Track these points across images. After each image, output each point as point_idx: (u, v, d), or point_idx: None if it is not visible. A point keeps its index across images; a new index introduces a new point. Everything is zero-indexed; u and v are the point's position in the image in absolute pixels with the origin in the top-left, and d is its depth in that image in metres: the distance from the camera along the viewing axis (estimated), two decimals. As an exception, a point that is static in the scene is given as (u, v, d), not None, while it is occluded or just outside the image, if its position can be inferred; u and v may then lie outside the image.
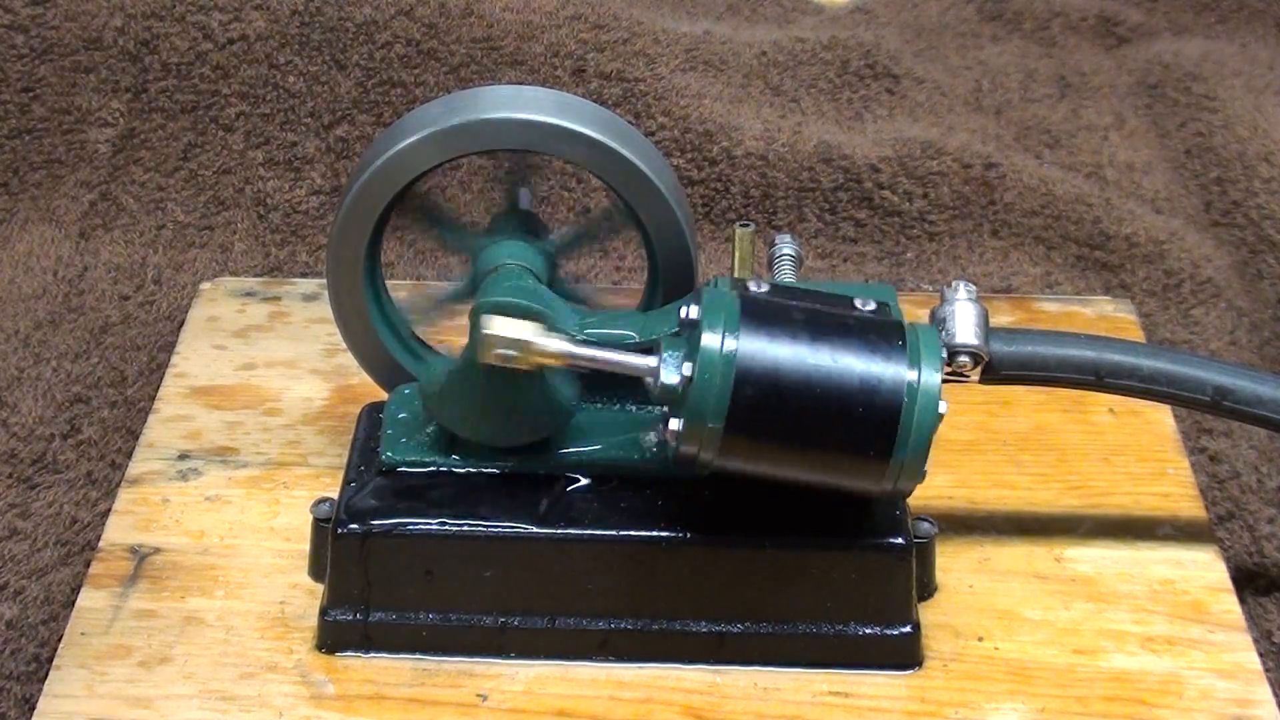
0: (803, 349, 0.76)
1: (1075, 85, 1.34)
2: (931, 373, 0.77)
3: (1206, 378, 0.84)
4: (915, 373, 0.76)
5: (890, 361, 0.76)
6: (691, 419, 0.76)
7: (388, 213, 0.87)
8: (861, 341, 0.77)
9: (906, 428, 0.76)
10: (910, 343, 0.77)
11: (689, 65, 1.27)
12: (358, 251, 0.87)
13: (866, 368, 0.76)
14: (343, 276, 0.88)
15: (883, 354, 0.76)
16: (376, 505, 0.82)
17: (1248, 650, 0.84)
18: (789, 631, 0.82)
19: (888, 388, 0.76)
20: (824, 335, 0.76)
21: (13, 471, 0.97)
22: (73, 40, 1.23)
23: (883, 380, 0.76)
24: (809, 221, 1.19)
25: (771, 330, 0.76)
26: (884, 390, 0.76)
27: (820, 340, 0.76)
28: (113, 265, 1.15)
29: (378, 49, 1.23)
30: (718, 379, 0.75)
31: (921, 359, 0.77)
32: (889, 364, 0.76)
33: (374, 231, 0.86)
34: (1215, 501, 0.96)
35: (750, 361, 0.76)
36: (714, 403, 0.76)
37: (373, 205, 0.85)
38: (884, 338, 0.77)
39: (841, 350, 0.76)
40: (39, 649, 0.86)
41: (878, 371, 0.76)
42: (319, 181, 1.20)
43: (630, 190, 0.85)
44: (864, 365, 0.76)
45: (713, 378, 0.75)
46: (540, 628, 0.82)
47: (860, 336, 0.77)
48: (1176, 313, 1.12)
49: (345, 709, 0.80)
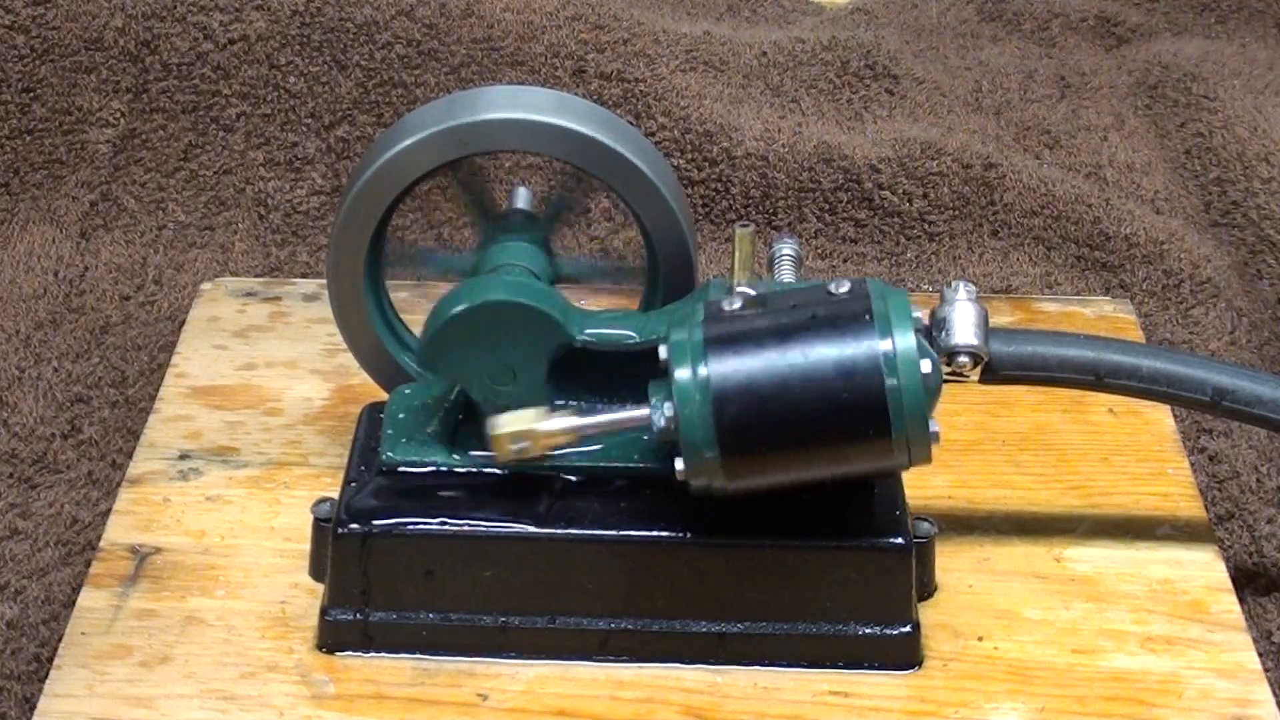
0: (772, 355, 0.76)
1: (1075, 85, 1.34)
2: (904, 336, 0.76)
3: (1206, 378, 0.84)
4: (888, 341, 0.76)
5: (860, 339, 0.76)
6: (688, 454, 0.77)
7: (388, 213, 0.87)
8: (829, 328, 0.76)
9: (895, 398, 0.76)
10: (878, 312, 0.77)
11: (689, 65, 1.27)
12: (358, 252, 0.87)
13: (839, 352, 0.76)
14: (343, 277, 0.88)
15: (851, 334, 0.76)
16: (377, 505, 0.82)
17: (1247, 650, 0.84)
18: (789, 631, 0.82)
19: (864, 365, 0.76)
20: (791, 335, 0.77)
21: (13, 471, 0.97)
22: (73, 40, 1.23)
23: (857, 359, 0.76)
24: (809, 221, 1.19)
25: (738, 347, 0.77)
26: (861, 369, 0.76)
27: (788, 340, 0.76)
28: (113, 265, 1.15)
29: (378, 49, 1.23)
30: (697, 409, 0.76)
31: (892, 326, 0.77)
32: (859, 341, 0.76)
33: (374, 232, 0.87)
34: (1215, 501, 0.96)
35: (724, 383, 0.76)
36: (701, 432, 0.76)
37: (373, 206, 0.85)
38: (850, 317, 0.77)
39: (811, 343, 0.76)
40: (39, 649, 0.86)
41: (850, 352, 0.76)
42: (319, 182, 1.20)
43: (630, 190, 0.85)
44: (836, 351, 0.76)
45: (692, 410, 0.76)
46: (540, 627, 0.82)
47: (828, 324, 0.77)
48: (1176, 313, 1.12)
49: (345, 709, 0.80)
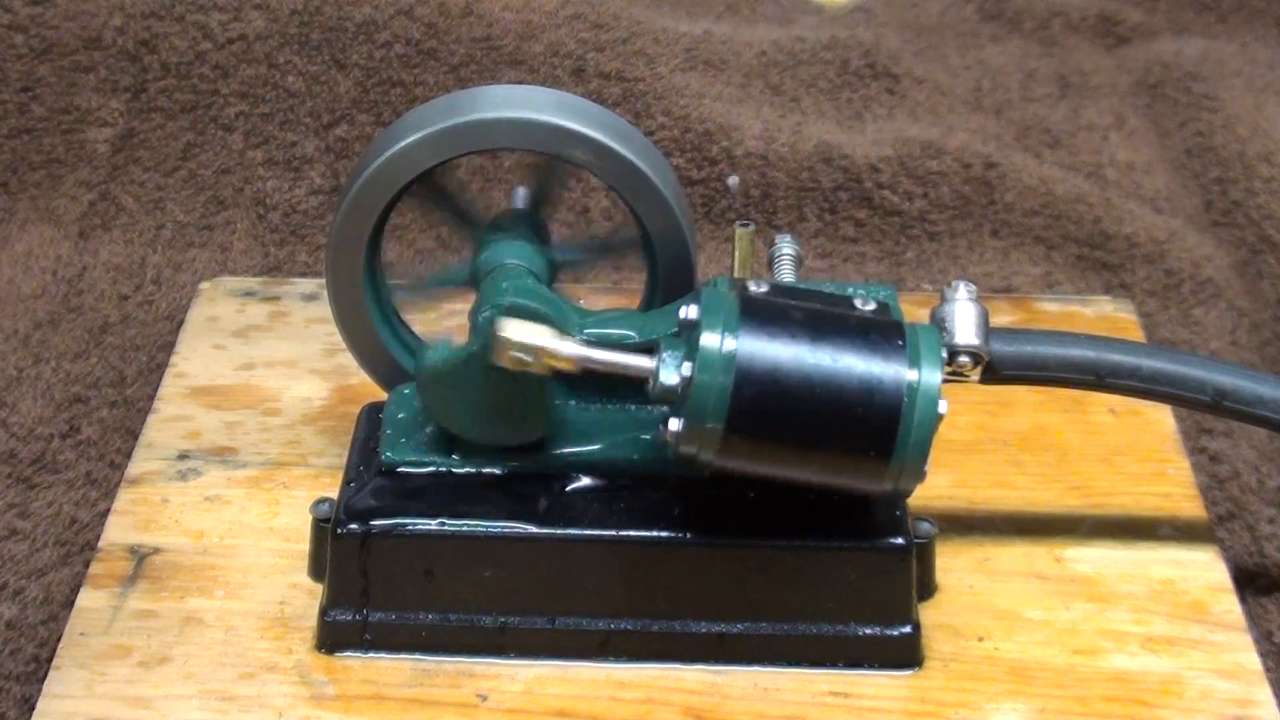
0: (803, 349, 0.76)
1: (1075, 85, 1.34)
2: (932, 372, 0.76)
3: (1206, 378, 0.84)
4: (915, 372, 0.76)
5: (890, 361, 0.76)
6: (691, 419, 0.76)
7: (388, 212, 0.87)
8: (862, 341, 0.76)
9: (906, 428, 0.76)
10: (910, 342, 0.77)
11: (689, 65, 1.27)
12: (357, 251, 0.87)
13: (867, 367, 0.76)
14: (342, 276, 0.88)
15: (883, 354, 0.76)
16: (376, 505, 0.82)
17: (1248, 650, 0.84)
18: (789, 631, 0.82)
19: (888, 388, 0.76)
20: (824, 335, 0.76)
21: (12, 471, 0.97)
22: (72, 40, 1.23)
23: (883, 380, 0.76)
24: (809, 221, 1.19)
25: (771, 330, 0.76)
26: (884, 390, 0.76)
27: (821, 340, 0.76)
28: (112, 265, 1.14)
29: (377, 49, 1.23)
30: (717, 379, 0.75)
31: (921, 359, 0.77)
32: (889, 364, 0.76)
33: (374, 231, 0.86)
34: (1215, 501, 0.96)
35: (750, 361, 0.75)
36: (714, 403, 0.75)
37: (372, 205, 0.85)
38: (884, 337, 0.77)
39: (842, 350, 0.76)
40: (38, 649, 0.86)
41: (878, 371, 0.76)
42: (318, 181, 1.20)
43: (630, 190, 0.85)
44: (864, 365, 0.76)
45: (712, 378, 0.75)
46: (540, 628, 0.82)
47: (861, 336, 0.76)
48: (1176, 313, 1.12)
49: (345, 709, 0.80)
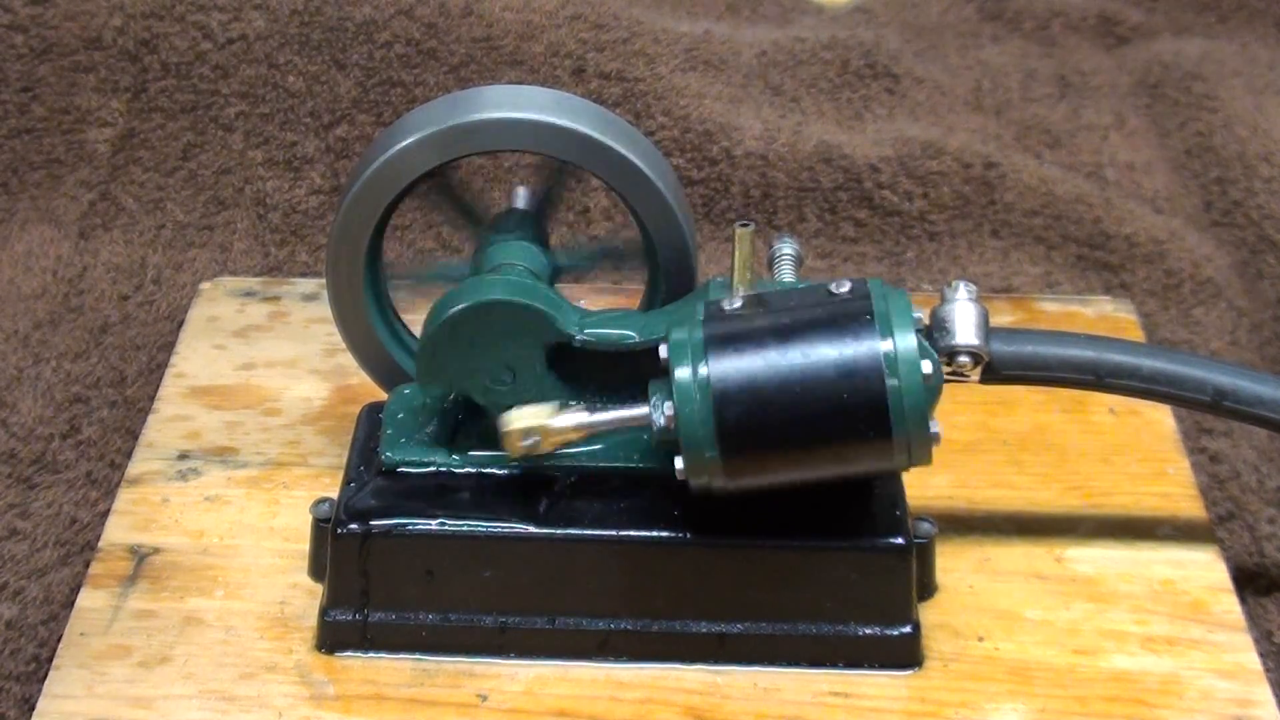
0: (772, 354, 0.76)
1: (1075, 85, 1.34)
2: (905, 336, 0.76)
3: (1206, 378, 0.84)
4: (889, 342, 0.76)
5: (861, 339, 0.76)
6: (688, 454, 0.77)
7: (388, 213, 0.87)
8: (830, 328, 0.77)
9: (896, 399, 0.76)
10: (879, 312, 0.77)
11: (689, 65, 1.27)
12: (357, 251, 0.87)
13: (840, 353, 0.76)
14: (342, 276, 0.88)
15: (852, 334, 0.76)
16: (376, 505, 0.82)
17: (1248, 650, 0.84)
18: (789, 631, 0.82)
19: (865, 366, 0.76)
20: (792, 334, 0.77)
21: (12, 471, 0.97)
22: (72, 40, 1.23)
23: (858, 360, 0.76)
24: (809, 221, 1.19)
25: (738, 346, 0.77)
26: (862, 369, 0.76)
27: (789, 340, 0.76)
28: (112, 265, 1.14)
29: (377, 49, 1.23)
30: (697, 409, 0.76)
31: (893, 326, 0.77)
32: (860, 342, 0.76)
33: (374, 231, 0.86)
34: (1215, 501, 0.96)
35: (725, 383, 0.76)
36: (702, 432, 0.76)
37: (373, 205, 0.85)
38: (851, 317, 0.77)
39: (811, 344, 0.76)
40: (39, 649, 0.86)
41: (851, 353, 0.76)
42: (319, 181, 1.20)
43: (630, 190, 0.85)
44: (837, 351, 0.76)
45: (692, 409, 0.76)
46: (540, 628, 0.82)
47: (829, 324, 0.77)
48: (1176, 313, 1.12)
49: (345, 709, 0.80)
